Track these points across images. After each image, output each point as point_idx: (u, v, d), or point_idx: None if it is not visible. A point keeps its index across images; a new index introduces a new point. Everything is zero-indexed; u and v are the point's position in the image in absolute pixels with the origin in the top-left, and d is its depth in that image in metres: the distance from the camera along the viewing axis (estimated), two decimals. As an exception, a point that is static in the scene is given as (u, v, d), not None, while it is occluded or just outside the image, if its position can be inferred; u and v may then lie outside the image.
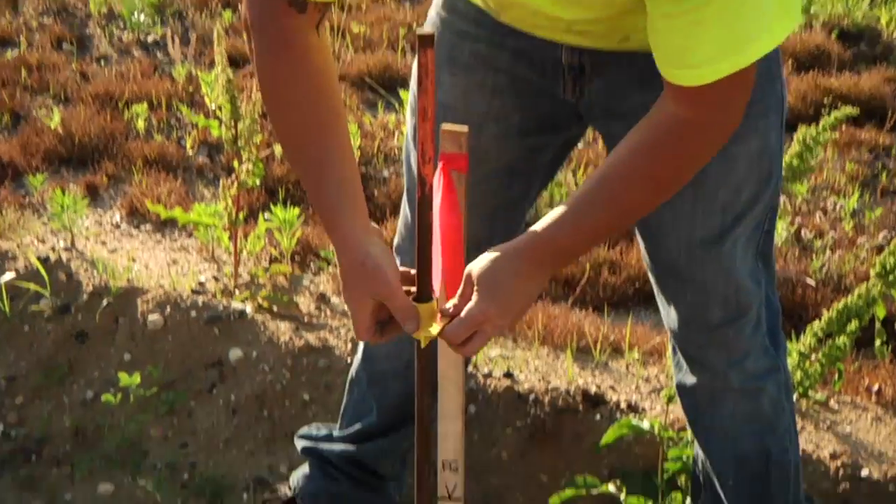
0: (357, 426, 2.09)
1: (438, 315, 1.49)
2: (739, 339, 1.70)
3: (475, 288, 1.43)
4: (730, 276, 1.65)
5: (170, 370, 2.67)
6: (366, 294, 1.44)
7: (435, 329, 1.43)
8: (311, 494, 2.15)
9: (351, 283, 1.45)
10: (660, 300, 1.76)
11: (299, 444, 2.22)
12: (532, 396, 2.37)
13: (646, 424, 2.08)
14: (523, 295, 1.43)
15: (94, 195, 3.25)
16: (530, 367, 2.48)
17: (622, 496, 2.08)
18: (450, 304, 1.46)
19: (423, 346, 1.49)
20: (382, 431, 2.10)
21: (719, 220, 1.59)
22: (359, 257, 1.44)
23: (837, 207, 3.10)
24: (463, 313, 1.44)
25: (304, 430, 2.24)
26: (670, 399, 2.08)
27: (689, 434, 2.02)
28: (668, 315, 1.74)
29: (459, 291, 1.45)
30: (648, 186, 1.38)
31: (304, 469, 2.21)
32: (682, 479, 2.08)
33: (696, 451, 1.86)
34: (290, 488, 2.20)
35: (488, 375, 2.45)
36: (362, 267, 1.44)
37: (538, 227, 1.43)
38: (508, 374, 2.45)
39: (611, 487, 2.09)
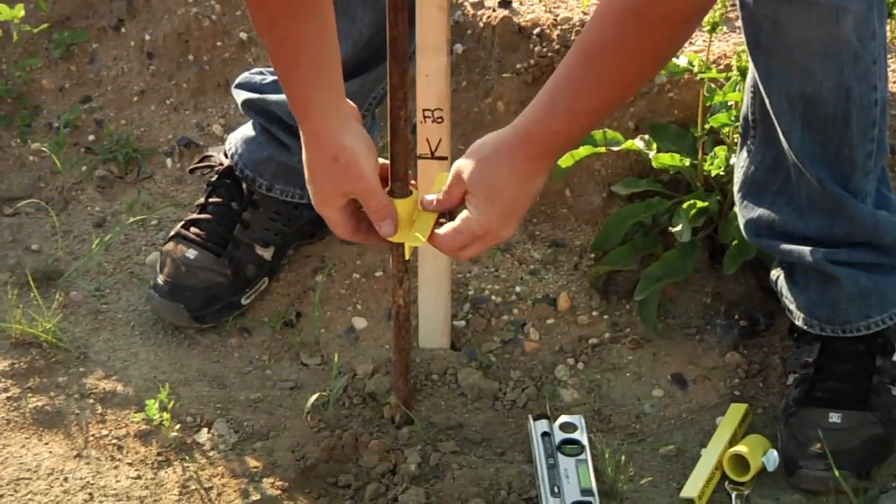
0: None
1: (418, 209, 1.63)
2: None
3: (469, 194, 1.58)
4: None
5: (63, 1, 2.65)
6: (337, 192, 1.63)
7: (420, 236, 1.60)
8: (254, 163, 2.20)
9: (320, 179, 1.62)
10: None
11: (238, 95, 2.22)
12: (536, 31, 2.35)
13: (682, 61, 2.10)
14: (525, 196, 1.57)
15: None
16: (534, -8, 2.44)
17: (651, 154, 2.11)
18: (431, 197, 1.62)
19: (407, 256, 1.67)
20: (348, 73, 2.08)
21: None
22: (331, 150, 1.61)
23: None
24: (458, 222, 1.59)
25: (243, 76, 2.23)
26: (714, 28, 2.07)
27: (737, 73, 2.02)
28: None
29: (445, 186, 1.59)
30: (644, 55, 1.47)
31: (245, 130, 2.23)
32: (726, 132, 2.10)
33: (749, 91, 1.86)
34: (226, 154, 2.24)
35: (479, 4, 2.42)
36: (334, 162, 1.61)
37: (528, 117, 1.54)
38: (506, 3, 2.41)
39: (637, 143, 2.12)
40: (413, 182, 1.71)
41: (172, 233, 2.20)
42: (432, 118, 1.90)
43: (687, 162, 2.12)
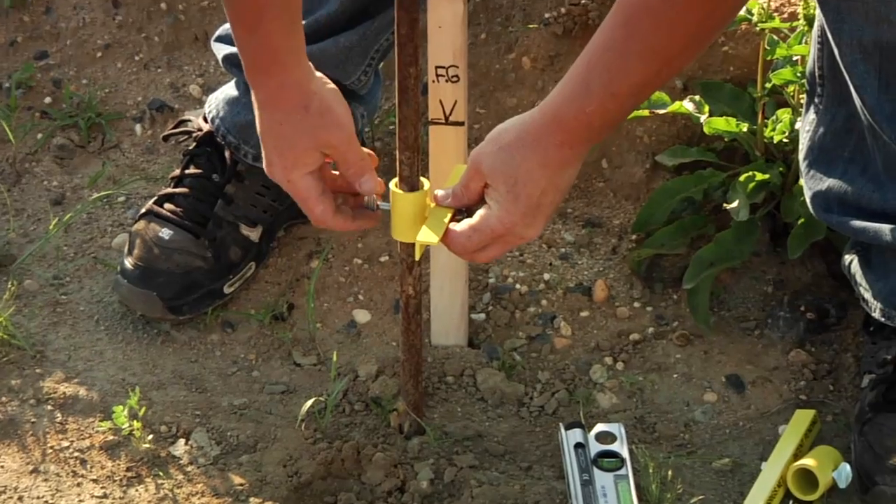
0: (308, 19, 2.07)
1: (430, 205, 1.65)
2: None
3: (488, 187, 1.59)
4: None
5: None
6: (311, 146, 1.64)
7: (433, 234, 1.61)
8: (239, 127, 2.20)
9: (288, 136, 1.65)
10: None
11: (219, 49, 2.22)
12: (568, -27, 2.35)
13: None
14: (553, 190, 1.58)
15: None
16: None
17: (703, 118, 2.11)
18: (445, 192, 1.63)
19: (416, 257, 1.70)
20: (345, 22, 2.11)
21: None
22: (300, 100, 1.64)
23: None
24: (476, 219, 1.61)
25: (224, 28, 2.23)
26: (780, -28, 2.07)
27: (803, 21, 2.01)
28: None
29: (463, 179, 1.60)
30: (696, 20, 1.45)
31: (228, 90, 2.24)
32: (790, 91, 2.10)
33: (816, 42, 1.85)
34: (205, 118, 2.24)
35: (501, -59, 2.43)
36: (305, 112, 1.65)
37: (557, 97, 1.53)
38: (531, -60, 2.41)
39: (687, 106, 2.12)
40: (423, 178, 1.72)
41: (143, 210, 2.20)
42: (446, 77, 1.90)
43: (744, 127, 2.12)
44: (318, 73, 1.71)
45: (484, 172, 1.60)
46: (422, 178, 1.70)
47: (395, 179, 1.70)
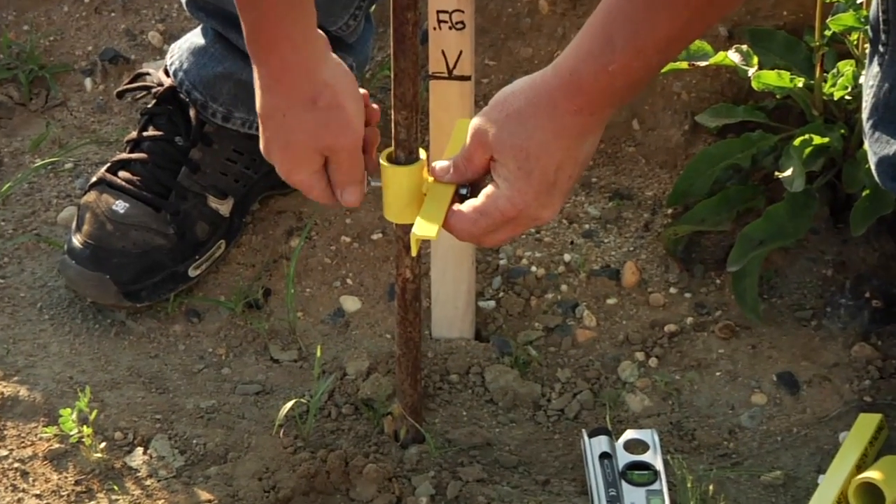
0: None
1: (428, 180, 1.66)
2: None
3: (495, 161, 1.59)
4: None
5: None
6: (313, 148, 1.68)
7: (431, 225, 1.61)
8: (206, 82, 2.21)
9: (289, 132, 1.67)
10: None
11: None
12: None
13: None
14: (571, 163, 1.57)
15: None
16: None
17: (751, 71, 2.11)
18: (444, 164, 1.65)
19: (413, 252, 1.71)
20: None
21: None
22: (307, 91, 1.65)
23: None
24: (482, 199, 1.60)
25: (186, -36, 2.24)
26: None
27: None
28: None
29: (465, 151, 1.61)
30: None
31: (193, 38, 2.25)
32: (853, 39, 2.10)
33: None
34: (167, 71, 2.25)
35: None
36: (312, 106, 1.65)
37: (574, 54, 1.52)
38: None
39: (732, 57, 2.13)
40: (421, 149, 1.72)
41: (95, 178, 2.20)
42: (450, 23, 1.89)
43: (799, 82, 2.12)
44: (330, 52, 1.69)
45: (490, 144, 1.59)
46: (420, 149, 1.70)
47: (387, 151, 1.69)
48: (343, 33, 2.17)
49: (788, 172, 2.06)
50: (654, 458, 1.91)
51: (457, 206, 1.64)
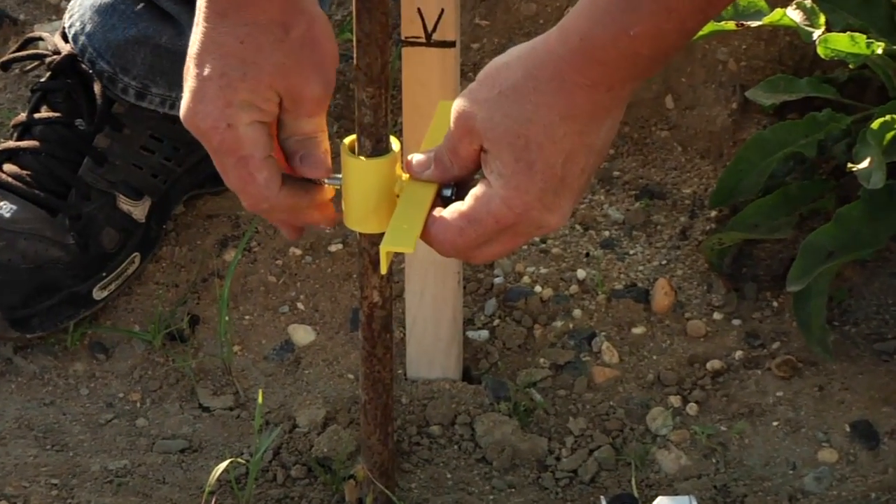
0: None
1: (403, 177, 1.68)
2: None
3: (486, 153, 1.58)
4: None
5: None
6: (269, 87, 1.64)
7: (405, 237, 1.61)
8: (114, 48, 2.22)
9: (234, 65, 1.64)
10: None
11: None
12: None
13: None
14: (587, 153, 1.57)
15: None
16: None
17: (817, 33, 2.10)
18: (423, 157, 1.65)
19: (383, 270, 1.69)
20: None
21: None
22: (280, 16, 1.64)
23: None
24: (470, 204, 1.60)
25: None
26: None
27: None
28: None
29: (448, 141, 1.61)
30: None
31: None
32: None
33: None
34: (64, 35, 2.27)
35: None
36: (283, 32, 1.64)
37: (587, 14, 1.51)
38: None
39: (793, 15, 2.12)
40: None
41: (-29, 175, 2.22)
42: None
43: (879, 48, 2.13)
44: None
45: (478, 131, 1.57)
46: (391, 137, 1.69)
47: (348, 139, 1.68)
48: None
49: (865, 164, 2.06)
50: (693, 533, 1.91)
51: (438, 212, 1.62)
